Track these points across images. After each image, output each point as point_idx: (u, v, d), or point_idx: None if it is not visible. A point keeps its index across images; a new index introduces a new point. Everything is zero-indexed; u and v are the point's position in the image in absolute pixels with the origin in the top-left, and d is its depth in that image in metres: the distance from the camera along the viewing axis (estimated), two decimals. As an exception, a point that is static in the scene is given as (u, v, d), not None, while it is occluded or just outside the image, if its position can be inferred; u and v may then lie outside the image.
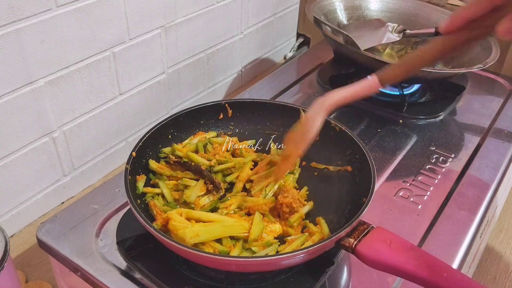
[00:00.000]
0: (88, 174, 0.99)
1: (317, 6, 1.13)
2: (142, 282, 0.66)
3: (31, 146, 0.85)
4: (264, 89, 1.12)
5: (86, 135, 0.94)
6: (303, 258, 0.60)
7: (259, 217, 0.67)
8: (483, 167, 0.90)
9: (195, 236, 0.62)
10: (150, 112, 1.07)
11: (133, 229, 0.70)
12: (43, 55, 0.79)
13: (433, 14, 1.18)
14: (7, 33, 0.73)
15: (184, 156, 0.77)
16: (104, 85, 0.93)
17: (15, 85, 0.78)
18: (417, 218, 0.78)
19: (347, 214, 0.70)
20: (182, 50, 1.08)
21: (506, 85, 1.17)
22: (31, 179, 0.87)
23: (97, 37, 0.87)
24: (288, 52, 1.51)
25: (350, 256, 0.71)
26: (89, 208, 0.77)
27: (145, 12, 0.94)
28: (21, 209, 0.88)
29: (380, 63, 0.96)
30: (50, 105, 0.84)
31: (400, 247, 0.58)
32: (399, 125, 1.01)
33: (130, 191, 0.65)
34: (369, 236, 0.61)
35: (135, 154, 0.72)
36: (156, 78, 1.04)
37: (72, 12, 0.81)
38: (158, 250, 0.68)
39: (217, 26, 1.15)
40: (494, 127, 1.02)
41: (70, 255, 0.69)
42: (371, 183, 0.67)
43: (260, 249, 0.64)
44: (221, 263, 0.59)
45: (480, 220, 0.80)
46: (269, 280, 0.66)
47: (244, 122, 0.86)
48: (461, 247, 0.74)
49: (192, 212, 0.67)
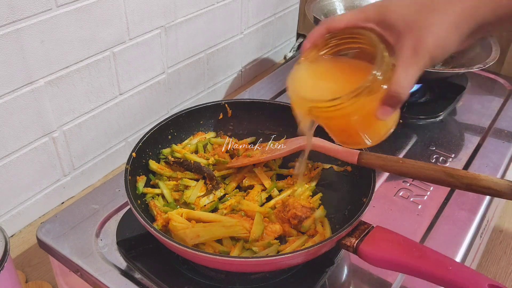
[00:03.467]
0: (88, 174, 0.99)
1: (317, 6, 1.13)
2: (142, 282, 0.66)
3: (31, 146, 0.85)
4: (264, 89, 1.12)
5: (86, 135, 0.94)
6: (304, 258, 0.60)
7: (259, 218, 0.67)
8: (483, 167, 0.90)
9: (196, 237, 0.62)
10: (150, 112, 1.07)
11: (133, 229, 0.70)
12: (43, 55, 0.79)
13: (433, 14, 1.18)
14: (7, 33, 0.73)
15: (182, 157, 0.77)
16: (104, 85, 0.93)
17: (15, 85, 0.78)
18: (417, 218, 0.78)
19: (347, 214, 0.70)
20: (182, 50, 1.08)
21: (506, 85, 1.17)
22: (31, 179, 0.87)
23: (97, 37, 0.87)
24: (288, 52, 1.51)
25: (350, 256, 0.71)
26: (89, 208, 0.77)
27: (145, 12, 0.94)
28: (21, 209, 0.88)
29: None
30: (50, 105, 0.84)
31: (403, 244, 0.58)
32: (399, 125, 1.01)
33: (130, 191, 0.65)
34: (371, 235, 0.61)
35: (135, 155, 0.72)
36: (156, 78, 1.04)
37: (72, 12, 0.81)
38: (158, 250, 0.68)
39: (217, 26, 1.15)
40: (494, 127, 1.02)
41: (70, 255, 0.69)
42: (371, 183, 0.67)
43: (261, 250, 0.64)
44: (222, 263, 0.59)
45: (480, 220, 0.80)
46: (269, 280, 0.66)
47: (244, 122, 0.86)
48: (461, 247, 0.74)
49: (193, 213, 0.67)
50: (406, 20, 0.49)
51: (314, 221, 0.68)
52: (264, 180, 0.76)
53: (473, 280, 0.53)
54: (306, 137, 0.60)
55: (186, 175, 0.75)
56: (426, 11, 0.49)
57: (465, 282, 0.53)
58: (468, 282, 0.53)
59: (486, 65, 0.96)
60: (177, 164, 0.76)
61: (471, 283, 0.53)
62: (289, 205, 0.69)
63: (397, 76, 0.49)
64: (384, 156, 0.69)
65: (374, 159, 0.69)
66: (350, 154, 0.71)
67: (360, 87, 0.49)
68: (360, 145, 0.65)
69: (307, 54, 0.56)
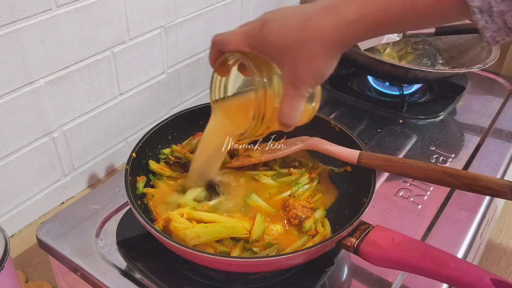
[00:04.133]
0: (88, 174, 0.99)
1: (317, 6, 1.13)
2: (142, 282, 0.66)
3: (31, 146, 0.84)
4: (264, 89, 1.12)
5: (86, 135, 0.94)
6: (304, 259, 0.60)
7: (260, 218, 0.67)
8: (483, 167, 0.90)
9: (196, 237, 0.62)
10: (150, 112, 1.07)
11: (133, 229, 0.70)
12: (43, 55, 0.79)
13: (433, 14, 1.18)
14: (7, 33, 0.73)
15: (182, 157, 0.77)
16: (104, 85, 0.93)
17: (15, 85, 0.78)
18: (417, 218, 0.78)
19: (347, 214, 0.70)
20: (182, 50, 1.08)
21: (506, 85, 1.17)
22: (31, 179, 0.87)
23: (97, 37, 0.87)
24: (288, 52, 1.51)
25: (350, 256, 0.71)
26: (89, 208, 0.77)
27: (145, 12, 0.94)
28: (21, 209, 0.88)
29: (380, 63, 0.96)
30: (50, 105, 0.84)
31: (403, 242, 0.59)
32: (399, 125, 1.01)
33: (130, 191, 0.65)
34: (371, 234, 0.61)
35: (135, 155, 0.72)
36: (156, 78, 1.04)
37: (72, 12, 0.81)
38: (158, 250, 0.68)
39: (217, 26, 1.15)
40: (494, 127, 1.02)
41: (70, 255, 0.69)
42: (371, 183, 0.67)
43: (261, 250, 0.64)
44: (221, 264, 0.59)
45: (480, 220, 0.80)
46: (269, 280, 0.66)
47: (244, 122, 0.86)
48: (461, 247, 0.74)
49: (193, 213, 0.67)
50: (281, 51, 0.49)
51: (314, 221, 0.68)
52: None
53: (475, 275, 0.53)
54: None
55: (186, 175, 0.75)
56: (300, 36, 0.48)
57: (467, 277, 0.53)
58: (470, 277, 0.53)
59: (486, 65, 0.96)
60: (178, 164, 0.76)
61: (473, 278, 0.53)
62: (290, 205, 0.69)
63: (282, 109, 0.51)
64: (384, 156, 0.69)
65: (374, 159, 0.69)
66: (350, 154, 0.71)
67: (250, 126, 0.55)
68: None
69: (219, 70, 0.59)
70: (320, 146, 0.75)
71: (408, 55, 1.16)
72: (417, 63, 1.12)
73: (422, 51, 1.15)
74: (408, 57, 1.15)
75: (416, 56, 1.15)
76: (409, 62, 1.13)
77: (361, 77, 1.15)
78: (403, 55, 1.16)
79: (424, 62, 1.13)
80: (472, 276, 0.53)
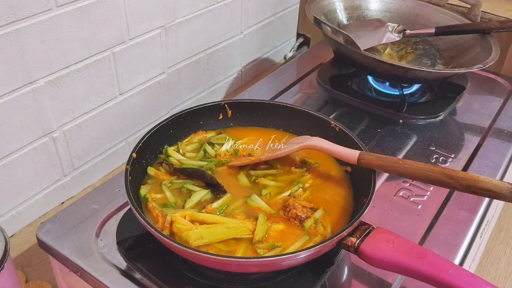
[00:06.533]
0: (88, 174, 0.99)
1: (317, 6, 1.13)
2: (142, 282, 0.66)
3: (31, 146, 0.85)
4: (264, 89, 1.12)
5: (86, 135, 0.94)
6: (304, 259, 0.60)
7: (263, 218, 0.67)
8: (483, 167, 0.90)
9: (199, 238, 0.62)
10: (150, 112, 1.07)
11: (133, 229, 0.70)
12: (43, 55, 0.79)
13: (433, 14, 1.18)
14: (7, 33, 0.73)
15: (176, 164, 0.76)
16: (104, 85, 0.93)
17: (15, 85, 0.78)
18: (417, 218, 0.78)
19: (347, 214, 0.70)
20: (182, 50, 1.08)
21: (506, 85, 1.17)
22: (31, 179, 0.87)
23: (97, 37, 0.87)
24: (288, 52, 1.51)
25: (350, 256, 0.71)
26: (89, 208, 0.77)
27: (145, 12, 0.94)
28: (21, 209, 0.88)
29: (380, 63, 0.96)
30: (50, 105, 0.84)
31: (403, 246, 0.59)
32: (399, 125, 1.01)
33: (130, 191, 0.65)
34: (371, 235, 0.61)
35: (135, 155, 0.72)
36: (156, 78, 1.04)
37: (72, 12, 0.81)
38: (158, 250, 0.68)
39: (217, 26, 1.15)
40: (494, 127, 1.02)
41: (70, 255, 0.69)
42: (371, 184, 0.67)
43: (265, 252, 0.63)
44: (222, 264, 0.59)
45: (480, 220, 0.80)
46: (269, 280, 0.66)
47: (243, 123, 0.86)
48: (461, 247, 0.74)
49: (196, 214, 0.67)
50: None
51: (314, 221, 0.68)
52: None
53: (472, 283, 0.53)
54: None
55: (186, 181, 0.74)
56: None
57: (464, 285, 0.53)
58: (467, 285, 0.53)
59: (486, 65, 0.96)
60: (179, 172, 0.75)
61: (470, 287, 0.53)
62: (290, 205, 0.69)
63: None
64: (384, 157, 0.69)
65: (374, 160, 0.69)
66: (350, 154, 0.71)
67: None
68: None
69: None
70: (320, 146, 0.75)
71: (408, 55, 1.16)
72: (417, 63, 1.12)
73: (422, 51, 1.15)
74: (408, 57, 1.15)
75: (416, 56, 1.15)
76: (409, 62, 1.13)
77: (361, 77, 1.15)
78: (403, 55, 1.16)
79: (424, 62, 1.13)
80: (469, 284, 0.53)
